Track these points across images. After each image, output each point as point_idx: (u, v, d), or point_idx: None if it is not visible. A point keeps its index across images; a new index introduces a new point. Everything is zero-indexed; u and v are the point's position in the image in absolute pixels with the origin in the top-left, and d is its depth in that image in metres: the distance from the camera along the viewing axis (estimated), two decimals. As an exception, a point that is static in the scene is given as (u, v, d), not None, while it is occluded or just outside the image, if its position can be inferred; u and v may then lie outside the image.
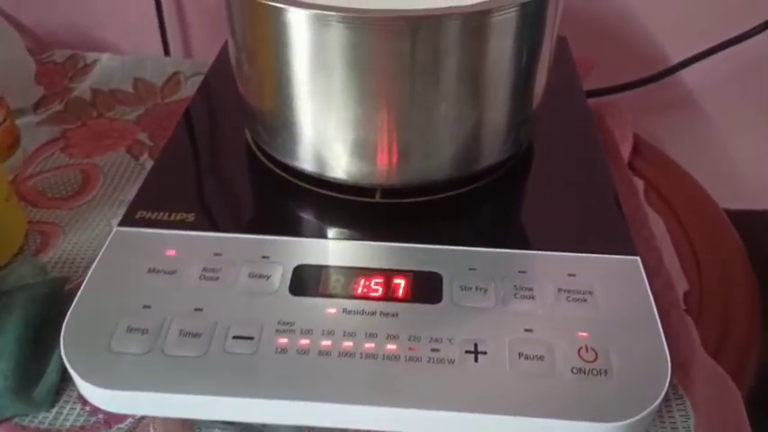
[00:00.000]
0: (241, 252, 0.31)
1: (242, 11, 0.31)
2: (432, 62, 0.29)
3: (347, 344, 0.27)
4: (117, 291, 0.29)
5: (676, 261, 0.38)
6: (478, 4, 0.27)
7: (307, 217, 0.35)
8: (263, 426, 0.29)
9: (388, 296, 0.29)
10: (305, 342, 0.27)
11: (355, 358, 0.27)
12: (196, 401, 0.26)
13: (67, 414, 0.30)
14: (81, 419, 0.29)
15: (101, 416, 0.30)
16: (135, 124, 0.50)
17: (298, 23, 0.28)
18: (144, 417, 0.29)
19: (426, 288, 0.29)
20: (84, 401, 0.30)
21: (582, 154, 0.39)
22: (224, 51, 0.48)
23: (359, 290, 0.29)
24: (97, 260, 0.31)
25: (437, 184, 0.34)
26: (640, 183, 0.43)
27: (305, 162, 0.34)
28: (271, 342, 0.27)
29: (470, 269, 0.30)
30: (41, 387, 0.30)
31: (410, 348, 0.27)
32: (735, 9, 0.55)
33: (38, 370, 0.31)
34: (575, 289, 0.29)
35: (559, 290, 0.29)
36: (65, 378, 0.30)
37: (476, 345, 0.27)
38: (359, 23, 0.27)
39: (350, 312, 0.28)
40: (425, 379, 0.26)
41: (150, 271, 0.30)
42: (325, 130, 0.32)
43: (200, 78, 0.54)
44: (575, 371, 0.26)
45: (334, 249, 0.32)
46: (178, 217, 0.33)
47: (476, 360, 0.27)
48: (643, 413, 0.25)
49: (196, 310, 0.28)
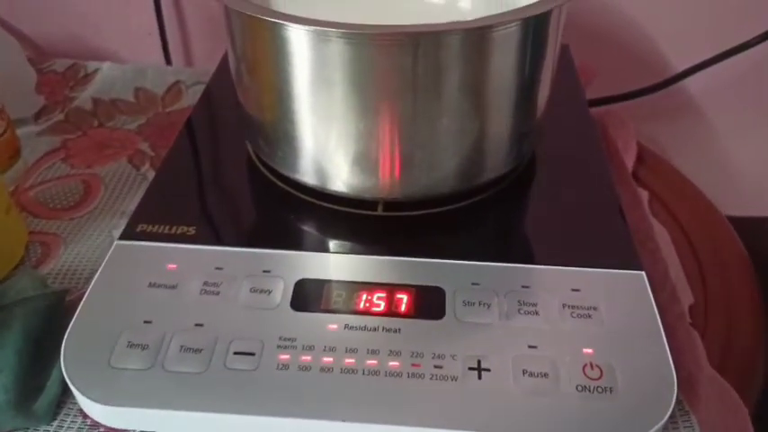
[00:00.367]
0: (242, 266, 0.31)
1: (241, 26, 0.31)
2: (434, 77, 0.29)
3: (349, 360, 0.27)
4: (117, 305, 0.29)
5: (681, 273, 0.37)
6: (480, 20, 0.27)
7: (308, 230, 0.34)
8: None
9: (391, 311, 0.29)
10: (306, 358, 0.27)
11: (357, 375, 0.27)
12: (197, 418, 0.26)
13: (68, 428, 0.29)
14: (81, 433, 0.29)
15: (101, 429, 0.29)
16: (136, 134, 0.49)
17: (298, 39, 0.28)
18: (145, 432, 0.29)
19: (429, 303, 0.29)
20: (84, 415, 0.29)
21: (585, 165, 0.38)
22: (225, 60, 0.48)
23: (361, 305, 0.29)
24: (98, 274, 0.31)
25: (440, 198, 0.34)
26: (645, 193, 0.43)
27: (306, 175, 0.34)
28: (272, 358, 0.27)
29: (473, 284, 0.30)
30: (42, 400, 0.30)
31: (413, 365, 0.27)
32: (737, 17, 0.55)
33: (38, 383, 0.30)
34: (579, 304, 0.29)
35: (564, 305, 0.29)
36: (65, 391, 0.30)
37: (479, 361, 0.27)
38: (360, 39, 0.27)
39: (352, 328, 0.28)
40: (428, 396, 0.26)
41: (151, 285, 0.30)
42: (326, 144, 0.32)
43: (201, 87, 0.54)
44: (579, 388, 0.26)
45: (335, 263, 0.31)
46: (179, 230, 0.33)
47: (479, 377, 0.26)
48: (649, 432, 0.25)
49: (197, 326, 0.28)
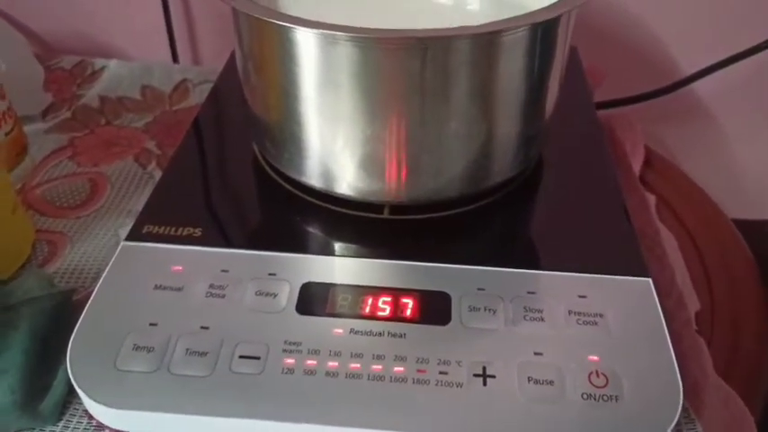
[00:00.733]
0: (248, 269, 0.31)
1: (249, 28, 0.31)
2: (442, 81, 0.29)
3: (354, 365, 0.27)
4: (123, 308, 0.29)
5: (688, 279, 0.37)
6: (489, 25, 0.26)
7: (314, 233, 0.34)
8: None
9: (396, 316, 0.29)
10: (312, 363, 0.27)
11: (362, 380, 0.27)
12: (202, 422, 0.26)
13: (74, 428, 0.30)
14: (87, 434, 0.29)
15: (107, 430, 0.29)
16: (143, 132, 0.50)
17: (306, 42, 0.28)
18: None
19: (434, 308, 0.29)
20: (90, 416, 0.29)
21: (593, 169, 0.38)
22: (233, 59, 0.48)
23: (366, 309, 0.29)
24: (104, 275, 0.31)
25: (446, 201, 0.34)
26: (652, 198, 0.42)
27: (312, 178, 0.34)
28: (277, 362, 0.27)
29: (479, 289, 0.30)
30: (48, 401, 0.30)
31: (418, 371, 0.27)
32: (746, 20, 0.54)
33: (45, 383, 0.30)
34: (585, 311, 0.29)
35: (570, 312, 0.29)
36: (71, 391, 0.30)
37: (484, 368, 0.27)
38: (368, 43, 0.27)
39: (357, 333, 0.28)
40: (433, 403, 0.26)
41: (157, 287, 0.30)
42: (333, 147, 0.32)
43: (208, 86, 0.54)
44: (585, 396, 0.26)
45: (341, 267, 0.31)
46: (185, 231, 0.33)
47: (484, 384, 0.26)
48: (654, 441, 0.25)
49: (202, 329, 0.28)
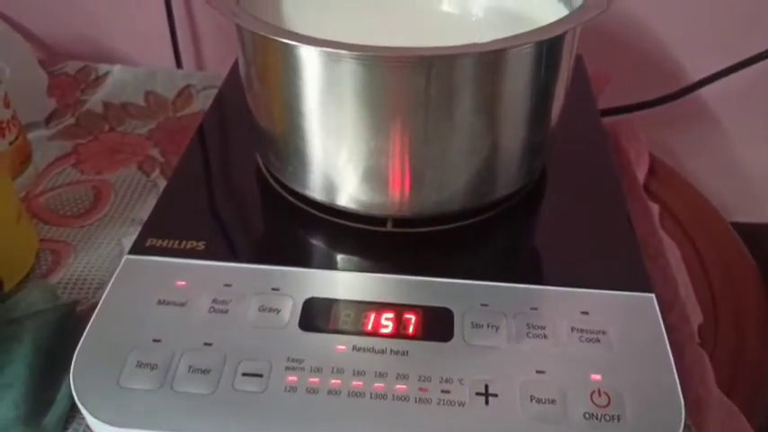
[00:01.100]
0: (251, 283, 0.31)
1: (253, 43, 0.31)
2: (446, 97, 0.29)
3: (357, 383, 0.27)
4: (127, 323, 0.29)
5: (691, 291, 0.37)
6: (494, 42, 0.26)
7: (317, 246, 0.34)
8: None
9: (399, 332, 0.29)
10: (314, 380, 0.27)
11: (365, 398, 0.27)
12: (205, 440, 0.26)
13: (77, 443, 0.30)
14: (90, 449, 0.29)
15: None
16: (147, 139, 0.50)
17: (309, 59, 0.28)
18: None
19: (437, 325, 0.29)
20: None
21: (597, 180, 0.38)
22: (236, 65, 0.48)
23: (369, 325, 0.29)
24: (107, 290, 0.31)
25: (450, 215, 0.34)
26: (655, 207, 0.42)
27: (315, 191, 0.34)
28: (280, 380, 0.27)
29: (482, 305, 0.30)
30: (51, 415, 0.30)
31: (420, 389, 0.27)
32: (753, 24, 0.54)
33: (48, 397, 0.31)
34: (588, 328, 0.29)
35: (572, 329, 0.29)
36: (74, 405, 0.30)
37: (486, 386, 0.27)
38: (372, 61, 0.27)
39: (360, 350, 0.28)
40: (435, 421, 0.26)
41: (160, 302, 0.30)
42: (336, 162, 0.32)
43: (211, 91, 0.54)
44: (587, 416, 0.26)
45: (344, 281, 0.31)
46: (188, 245, 0.33)
47: (486, 402, 0.26)
48: (656, 462, 0.25)
49: (206, 345, 0.28)
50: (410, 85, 0.28)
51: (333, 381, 0.27)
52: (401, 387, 0.27)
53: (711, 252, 0.40)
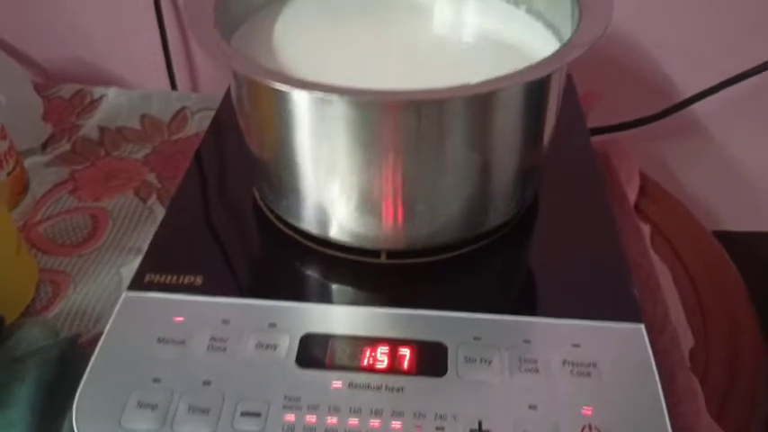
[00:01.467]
0: (248, 319, 0.31)
1: (245, 84, 0.31)
2: (436, 135, 0.29)
3: (353, 421, 0.27)
4: (128, 363, 0.30)
5: (682, 314, 0.38)
6: (483, 84, 0.27)
7: (313, 279, 0.35)
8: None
9: (394, 368, 0.29)
10: (311, 419, 0.28)
11: (361, 436, 0.27)
12: (205, 480, 0.27)
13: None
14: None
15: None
16: (143, 164, 0.50)
17: (300, 101, 0.29)
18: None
19: (431, 359, 0.30)
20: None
21: (587, 207, 0.38)
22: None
23: (365, 361, 0.30)
24: (107, 328, 0.31)
25: (443, 246, 0.34)
26: (646, 228, 0.43)
27: (310, 225, 0.34)
28: (278, 418, 0.28)
29: (475, 338, 0.30)
30: (54, 454, 0.31)
31: (416, 426, 0.27)
32: (748, 39, 0.55)
33: (51, 435, 0.31)
34: (579, 361, 0.29)
35: (564, 362, 0.29)
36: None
37: (480, 423, 0.27)
38: (362, 103, 0.27)
39: (356, 387, 0.29)
40: (430, 459, 0.27)
41: (160, 341, 0.31)
42: (329, 197, 0.32)
43: (206, 113, 0.55)
44: (578, 452, 0.26)
45: (340, 315, 0.32)
46: (186, 280, 0.33)
47: (480, 439, 0.27)
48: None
49: (204, 384, 0.29)
50: (400, 125, 0.29)
51: (330, 419, 0.28)
52: (397, 424, 0.27)
53: (703, 275, 0.41)
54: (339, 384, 0.29)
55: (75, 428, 0.28)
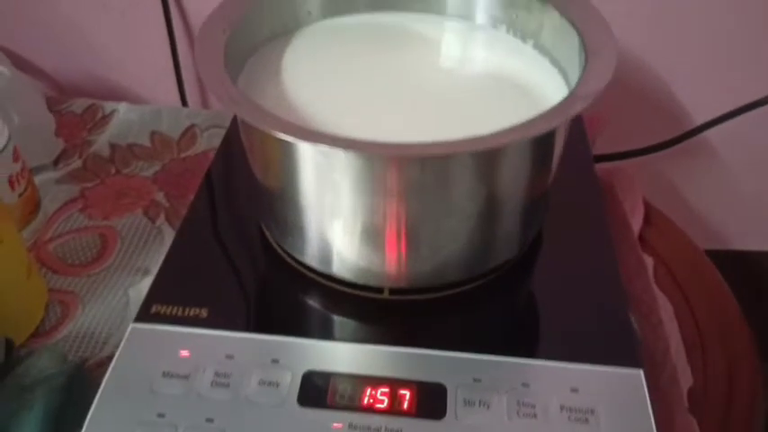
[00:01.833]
0: (252, 354, 0.32)
1: (254, 133, 0.32)
2: (441, 184, 0.29)
3: (353, 463, 0.28)
4: (133, 397, 0.30)
5: (683, 351, 0.38)
6: (488, 139, 0.27)
7: (316, 313, 0.35)
8: None
9: (394, 409, 0.30)
10: (311, 461, 0.28)
11: (360, 481, 0.28)
12: None
13: None
14: None
15: None
16: (152, 182, 0.51)
17: (305, 151, 0.29)
18: None
19: (431, 401, 0.30)
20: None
21: (590, 241, 0.39)
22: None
23: (365, 400, 0.30)
24: (114, 361, 0.32)
25: (446, 284, 0.35)
26: (650, 261, 0.43)
27: (313, 261, 0.35)
28: (279, 459, 0.28)
29: (475, 380, 0.31)
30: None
31: (413, 470, 0.28)
32: (754, 69, 0.55)
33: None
34: (577, 407, 0.30)
35: (562, 407, 0.30)
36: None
37: (477, 469, 0.28)
38: (367, 156, 0.28)
39: (356, 428, 0.29)
40: (427, 504, 0.27)
41: (165, 375, 0.31)
42: (333, 237, 0.33)
43: (215, 131, 0.55)
44: (573, 500, 0.27)
45: (342, 353, 0.32)
46: (192, 312, 0.34)
47: (477, 485, 0.27)
48: None
49: (207, 421, 0.29)
50: (405, 175, 0.29)
51: (330, 460, 0.28)
52: (395, 468, 0.28)
53: (705, 310, 0.41)
54: (340, 425, 0.29)
55: (81, 464, 0.29)
